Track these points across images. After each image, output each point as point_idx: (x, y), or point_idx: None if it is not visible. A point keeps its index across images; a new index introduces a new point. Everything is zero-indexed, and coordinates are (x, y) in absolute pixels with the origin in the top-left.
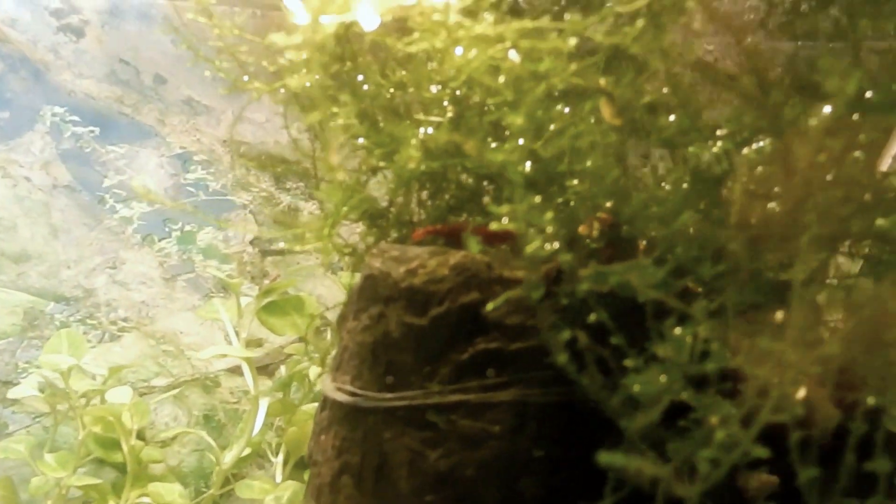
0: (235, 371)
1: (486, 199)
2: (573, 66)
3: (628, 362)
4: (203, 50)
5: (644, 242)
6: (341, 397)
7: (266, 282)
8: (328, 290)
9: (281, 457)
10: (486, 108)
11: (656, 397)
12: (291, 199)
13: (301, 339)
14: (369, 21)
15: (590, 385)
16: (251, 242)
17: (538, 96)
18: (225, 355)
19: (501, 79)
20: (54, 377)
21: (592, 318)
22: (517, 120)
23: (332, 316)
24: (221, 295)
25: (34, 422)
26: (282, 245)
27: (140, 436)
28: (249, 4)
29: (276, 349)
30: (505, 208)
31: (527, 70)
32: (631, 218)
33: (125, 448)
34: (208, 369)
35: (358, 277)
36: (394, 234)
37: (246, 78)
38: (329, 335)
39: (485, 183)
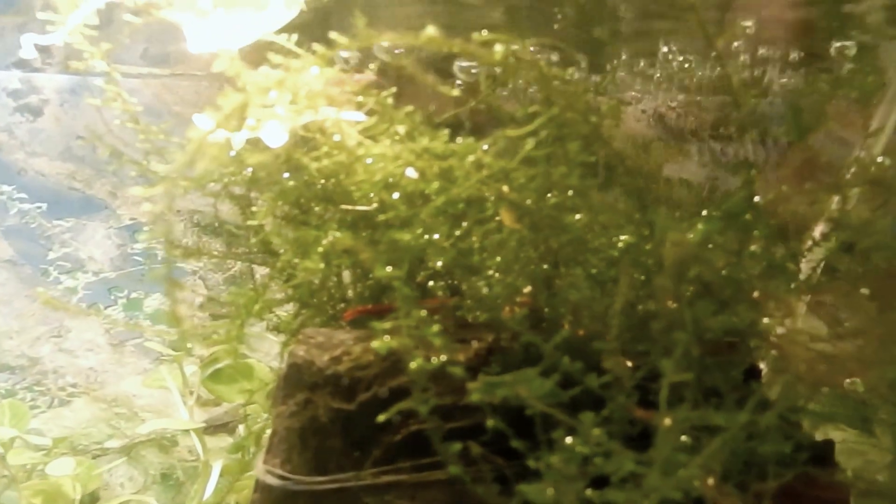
0: None
1: (421, 277)
2: (478, 174)
3: (530, 463)
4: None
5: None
6: (271, 480)
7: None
8: None
9: None
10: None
11: None
12: (242, 264)
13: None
14: (275, 138)
15: (486, 494)
16: (200, 307)
17: (433, 211)
18: (166, 429)
19: (396, 195)
20: None
21: (490, 423)
22: (404, 237)
23: None
24: (171, 358)
25: None
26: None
27: (94, 498)
28: (217, 79)
29: (235, 406)
30: (388, 324)
31: (419, 189)
32: (550, 302)
33: None
34: (163, 430)
35: (284, 364)
36: (329, 311)
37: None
38: None
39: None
